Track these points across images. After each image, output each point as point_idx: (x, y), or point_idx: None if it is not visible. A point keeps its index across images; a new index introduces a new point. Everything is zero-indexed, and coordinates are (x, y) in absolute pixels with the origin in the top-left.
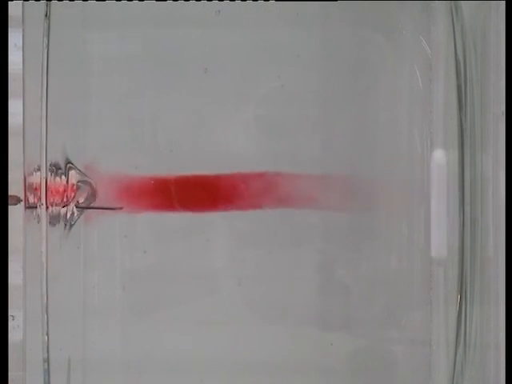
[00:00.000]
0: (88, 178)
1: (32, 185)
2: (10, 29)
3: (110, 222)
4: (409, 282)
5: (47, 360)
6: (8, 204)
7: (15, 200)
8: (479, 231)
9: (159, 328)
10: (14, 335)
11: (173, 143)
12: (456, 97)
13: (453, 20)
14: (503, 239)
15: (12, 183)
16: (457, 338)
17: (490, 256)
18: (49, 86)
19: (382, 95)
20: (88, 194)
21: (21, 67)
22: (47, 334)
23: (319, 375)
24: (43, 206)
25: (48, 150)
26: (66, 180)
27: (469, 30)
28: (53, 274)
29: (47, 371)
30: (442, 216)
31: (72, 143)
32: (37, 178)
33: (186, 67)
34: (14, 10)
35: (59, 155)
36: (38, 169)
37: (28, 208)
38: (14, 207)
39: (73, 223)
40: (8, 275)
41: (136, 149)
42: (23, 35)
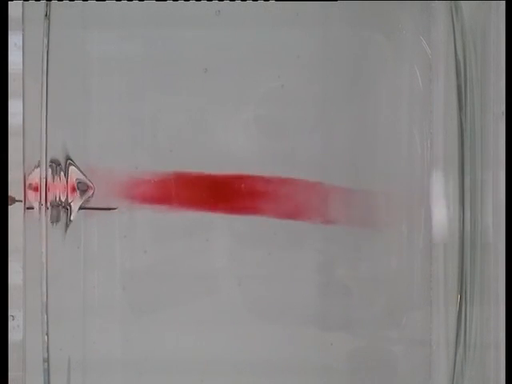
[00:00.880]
0: (88, 178)
1: (32, 185)
2: (10, 29)
3: (110, 222)
4: (409, 282)
5: (47, 360)
6: (8, 204)
7: (11, 200)
8: (479, 231)
9: (159, 328)
10: (14, 335)
11: (173, 143)
12: (456, 97)
13: (453, 20)
14: (503, 239)
15: (12, 183)
16: (457, 338)
17: (490, 256)
18: (49, 86)
19: (382, 95)
20: (88, 194)
21: (21, 67)
22: (47, 334)
23: (319, 375)
24: (43, 206)
25: (48, 151)
26: (66, 180)
27: (469, 30)
28: (53, 274)
29: (47, 371)
30: (442, 216)
31: (72, 143)
32: (37, 178)
33: (186, 67)
34: (14, 10)
35: (59, 155)
36: (38, 165)
37: (28, 208)
38: (14, 207)
39: (69, 223)
40: (8, 275)
41: (136, 148)
42: (23, 35)
